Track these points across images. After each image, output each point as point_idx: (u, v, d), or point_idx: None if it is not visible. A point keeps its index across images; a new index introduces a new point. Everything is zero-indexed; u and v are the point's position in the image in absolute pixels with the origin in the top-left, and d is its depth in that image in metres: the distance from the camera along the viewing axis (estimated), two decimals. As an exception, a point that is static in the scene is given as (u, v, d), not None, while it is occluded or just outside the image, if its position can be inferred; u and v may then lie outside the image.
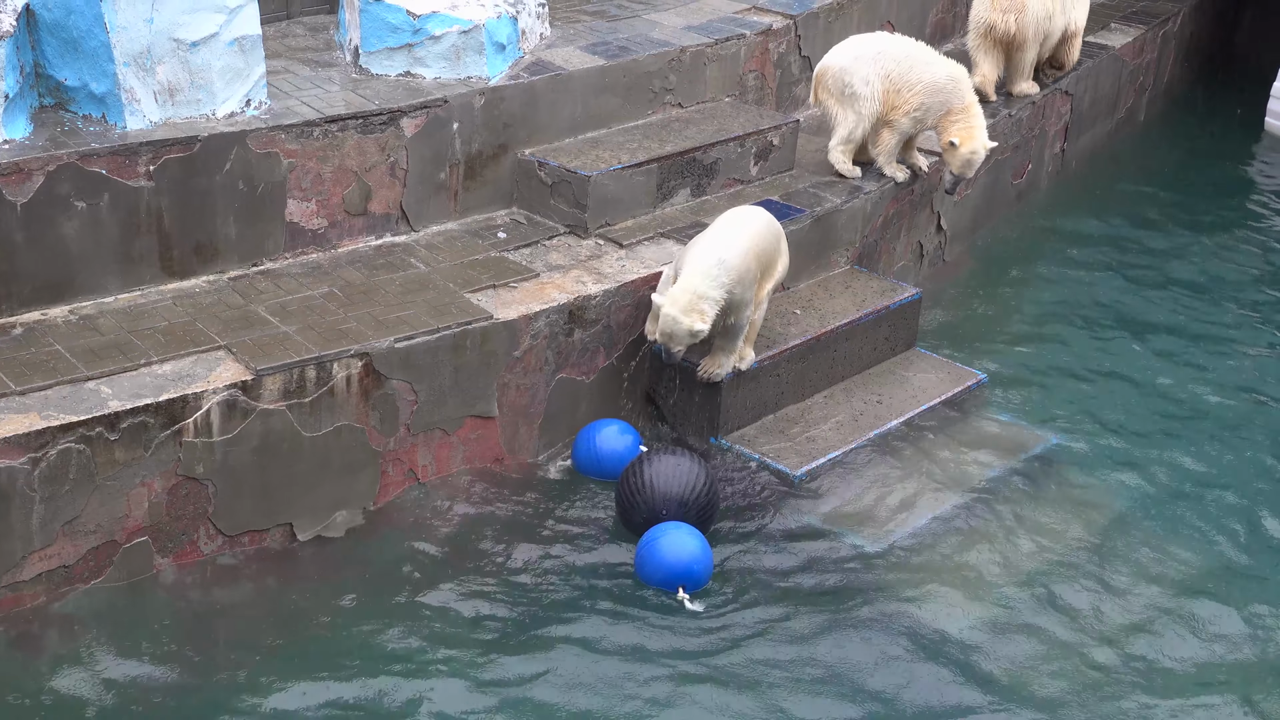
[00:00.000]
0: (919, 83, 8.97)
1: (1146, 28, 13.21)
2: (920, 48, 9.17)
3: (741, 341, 7.74)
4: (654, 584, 6.92)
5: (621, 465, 7.48)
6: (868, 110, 9.04)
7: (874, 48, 9.10)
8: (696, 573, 6.91)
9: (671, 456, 7.31)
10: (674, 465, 7.24)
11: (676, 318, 7.32)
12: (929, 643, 6.69)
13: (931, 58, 9.11)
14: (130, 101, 7.18)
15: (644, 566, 6.97)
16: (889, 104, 9.05)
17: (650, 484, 7.18)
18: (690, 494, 7.17)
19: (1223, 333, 9.80)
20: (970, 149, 8.95)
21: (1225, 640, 6.82)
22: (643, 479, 7.21)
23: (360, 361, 6.93)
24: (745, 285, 7.48)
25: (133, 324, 6.95)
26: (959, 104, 8.98)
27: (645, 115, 9.06)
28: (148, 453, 6.41)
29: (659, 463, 7.26)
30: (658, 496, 7.15)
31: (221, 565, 6.75)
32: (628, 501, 7.26)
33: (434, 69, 8.23)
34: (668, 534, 6.97)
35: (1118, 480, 7.97)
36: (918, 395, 8.47)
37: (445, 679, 6.32)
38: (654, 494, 7.16)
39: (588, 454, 7.68)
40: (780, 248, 7.89)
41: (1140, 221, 11.59)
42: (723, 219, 7.73)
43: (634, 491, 7.22)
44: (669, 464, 7.25)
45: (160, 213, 7.17)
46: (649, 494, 7.17)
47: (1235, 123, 13.85)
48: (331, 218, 7.77)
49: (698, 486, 7.20)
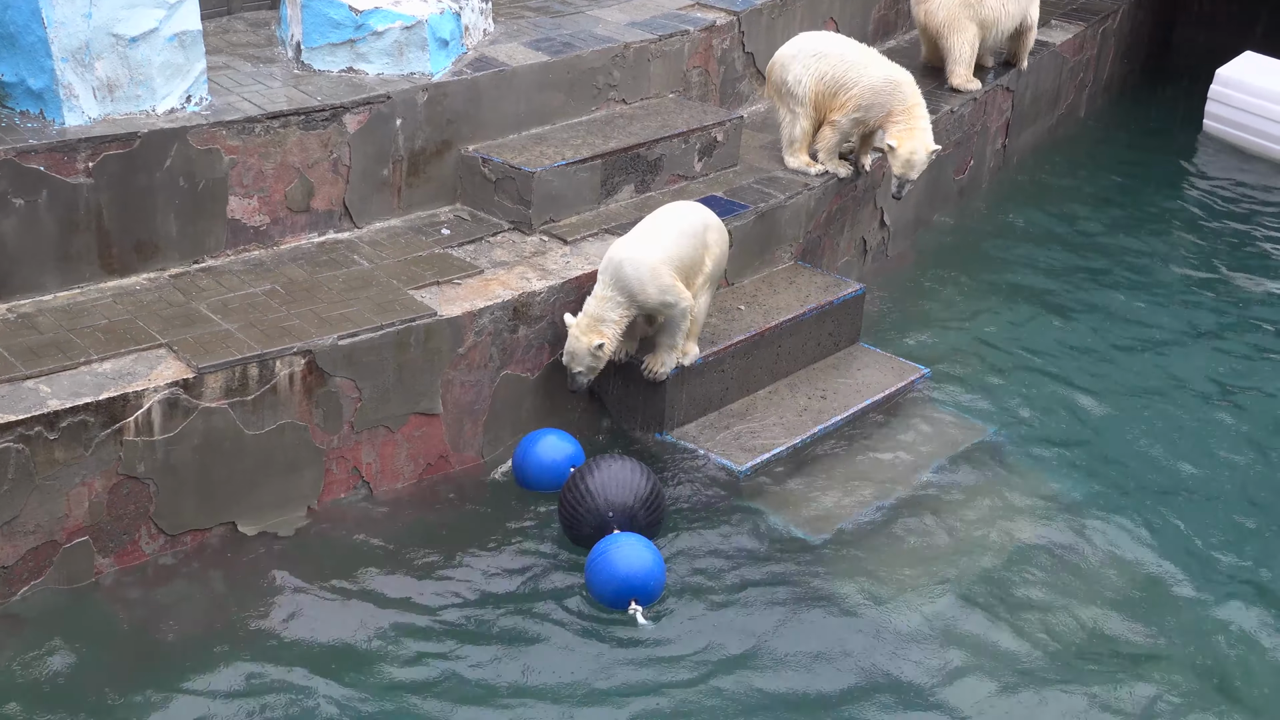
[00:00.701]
0: (855, 85, 9.03)
1: (1086, 25, 13.34)
2: (860, 50, 9.21)
3: (682, 338, 7.73)
4: (606, 602, 6.71)
5: (561, 477, 7.32)
6: (801, 109, 9.11)
7: (814, 47, 9.14)
8: (651, 587, 6.73)
9: (614, 464, 7.13)
10: (618, 473, 7.07)
11: (577, 336, 7.40)
12: (874, 633, 6.74)
13: (870, 60, 9.14)
14: (69, 97, 7.11)
15: (596, 583, 6.75)
16: (824, 104, 9.11)
17: (595, 494, 7.00)
18: (637, 501, 7.02)
19: (1163, 324, 9.92)
20: (909, 150, 8.99)
21: (1166, 629, 6.90)
22: (587, 489, 7.03)
23: (303, 359, 6.90)
24: (661, 291, 7.46)
25: (72, 322, 6.88)
26: (899, 106, 9.02)
27: (589, 111, 9.06)
28: (88, 452, 6.36)
29: (602, 472, 7.07)
30: (604, 506, 6.97)
31: (163, 565, 6.70)
32: (571, 514, 7.07)
33: (377, 65, 8.20)
34: (619, 548, 6.75)
35: (1059, 471, 8.06)
36: (861, 390, 8.52)
37: (384, 683, 6.28)
38: (600, 504, 6.97)
39: (528, 468, 7.50)
40: (706, 243, 7.76)
41: (1081, 216, 11.70)
42: (641, 224, 7.72)
43: (577, 503, 7.04)
44: (612, 472, 7.07)
45: (100, 210, 7.11)
46: (595, 504, 6.98)
47: (1174, 118, 13.99)
48: (274, 214, 7.72)
49: (644, 492, 7.06)
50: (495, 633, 6.61)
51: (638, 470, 7.14)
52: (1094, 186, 12.38)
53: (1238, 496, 7.98)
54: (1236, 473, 8.21)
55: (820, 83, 9.07)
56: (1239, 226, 11.72)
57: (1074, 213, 11.75)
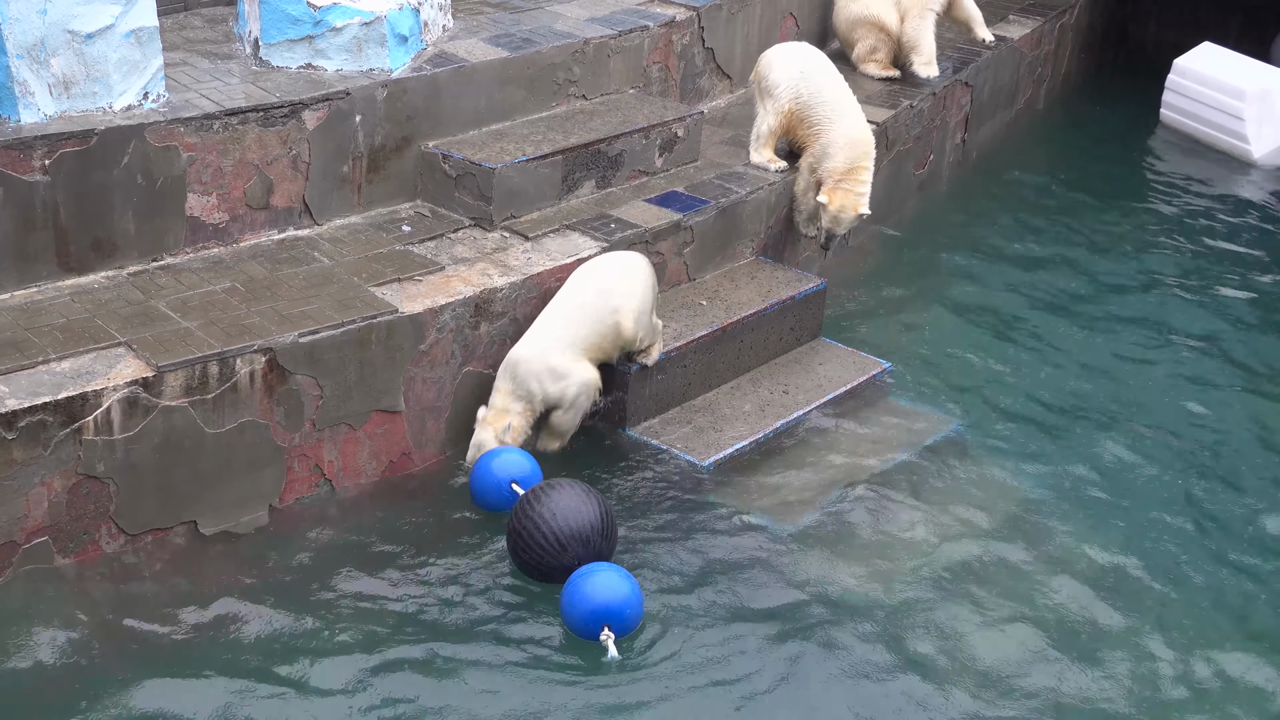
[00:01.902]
0: (819, 125, 9.09)
1: (1044, 19, 13.41)
2: (839, 94, 9.18)
3: (577, 422, 7.66)
4: (579, 631, 6.49)
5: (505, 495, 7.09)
6: (773, 110, 9.16)
7: (803, 66, 9.18)
8: (628, 616, 6.51)
9: (562, 494, 6.78)
10: (568, 504, 6.73)
11: (485, 423, 7.43)
12: (841, 622, 6.77)
13: (843, 112, 9.12)
14: (24, 94, 7.04)
15: (573, 615, 6.50)
16: (792, 122, 9.18)
17: (548, 531, 6.69)
18: (593, 531, 6.73)
19: (1122, 316, 9.98)
20: (838, 207, 8.99)
21: (1129, 620, 6.95)
22: (538, 529, 6.70)
23: (264, 357, 6.86)
24: (561, 388, 7.45)
25: (29, 321, 6.82)
26: (843, 166, 9.00)
27: (549, 107, 9.04)
28: (47, 451, 6.31)
29: (551, 504, 6.72)
30: (560, 542, 6.68)
31: (124, 564, 6.66)
32: (525, 548, 6.76)
33: (335, 61, 8.16)
34: (596, 576, 6.52)
35: (1021, 465, 8.09)
36: (824, 384, 8.54)
37: (346, 683, 6.25)
38: (555, 541, 6.68)
39: (479, 488, 7.26)
40: (616, 307, 7.56)
41: (1040, 209, 11.77)
42: (542, 313, 7.62)
43: (529, 538, 6.73)
44: (563, 504, 6.73)
45: (56, 207, 7.05)
46: (549, 543, 6.68)
47: (1132, 112, 14.07)
48: (233, 212, 7.68)
49: (597, 520, 6.76)
50: (455, 630, 6.59)
51: (588, 497, 6.83)
52: (1053, 179, 12.45)
53: (1203, 482, 8.07)
54: (1201, 459, 8.30)
55: (795, 102, 9.12)
56: (1197, 221, 11.80)
57: (1033, 206, 11.82)
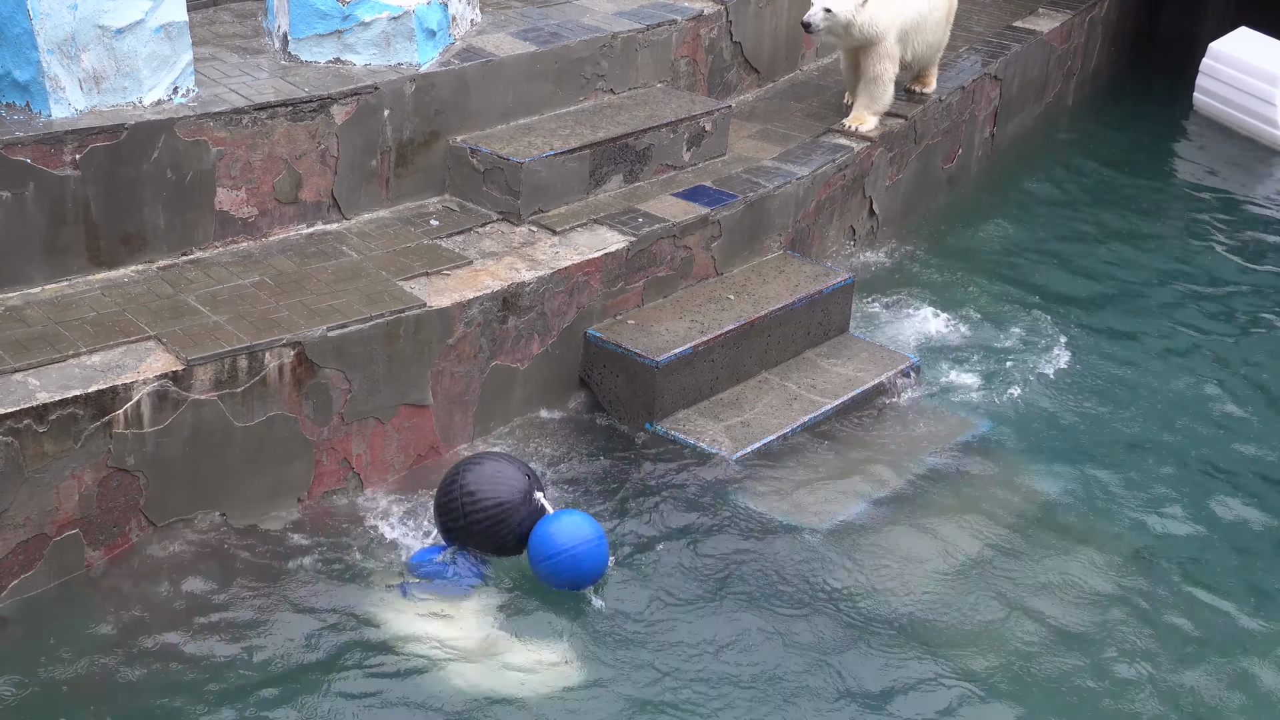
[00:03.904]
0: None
1: (1074, 13, 13.34)
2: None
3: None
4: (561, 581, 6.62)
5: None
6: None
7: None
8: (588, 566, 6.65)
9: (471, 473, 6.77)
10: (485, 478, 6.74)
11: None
12: (866, 625, 6.75)
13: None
14: (55, 89, 7.08)
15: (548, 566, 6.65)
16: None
17: (483, 508, 6.69)
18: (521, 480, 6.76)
19: (1157, 314, 9.94)
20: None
21: (1158, 619, 6.92)
22: (475, 509, 6.69)
23: (292, 351, 6.88)
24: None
25: (60, 315, 6.86)
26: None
27: (577, 101, 9.04)
28: (77, 445, 6.34)
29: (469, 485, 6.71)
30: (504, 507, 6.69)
31: (153, 557, 6.69)
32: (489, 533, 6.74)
33: (364, 56, 8.18)
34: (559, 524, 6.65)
35: (1050, 465, 8.05)
36: (851, 379, 8.52)
37: (378, 672, 6.28)
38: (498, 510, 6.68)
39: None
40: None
41: (1070, 204, 11.72)
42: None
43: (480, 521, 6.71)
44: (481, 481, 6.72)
45: (87, 202, 7.09)
46: (492, 515, 6.68)
47: (1162, 106, 14.01)
48: (262, 206, 7.70)
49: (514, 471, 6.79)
50: (487, 618, 6.61)
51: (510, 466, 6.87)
52: (1083, 174, 12.40)
53: (1239, 487, 8.04)
54: (1237, 462, 8.27)
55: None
56: (1228, 215, 11.75)
57: (1063, 201, 11.77)
